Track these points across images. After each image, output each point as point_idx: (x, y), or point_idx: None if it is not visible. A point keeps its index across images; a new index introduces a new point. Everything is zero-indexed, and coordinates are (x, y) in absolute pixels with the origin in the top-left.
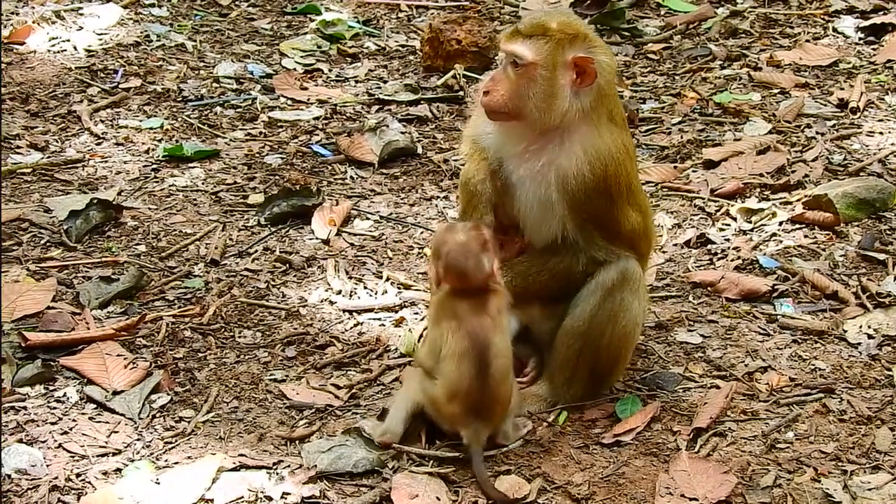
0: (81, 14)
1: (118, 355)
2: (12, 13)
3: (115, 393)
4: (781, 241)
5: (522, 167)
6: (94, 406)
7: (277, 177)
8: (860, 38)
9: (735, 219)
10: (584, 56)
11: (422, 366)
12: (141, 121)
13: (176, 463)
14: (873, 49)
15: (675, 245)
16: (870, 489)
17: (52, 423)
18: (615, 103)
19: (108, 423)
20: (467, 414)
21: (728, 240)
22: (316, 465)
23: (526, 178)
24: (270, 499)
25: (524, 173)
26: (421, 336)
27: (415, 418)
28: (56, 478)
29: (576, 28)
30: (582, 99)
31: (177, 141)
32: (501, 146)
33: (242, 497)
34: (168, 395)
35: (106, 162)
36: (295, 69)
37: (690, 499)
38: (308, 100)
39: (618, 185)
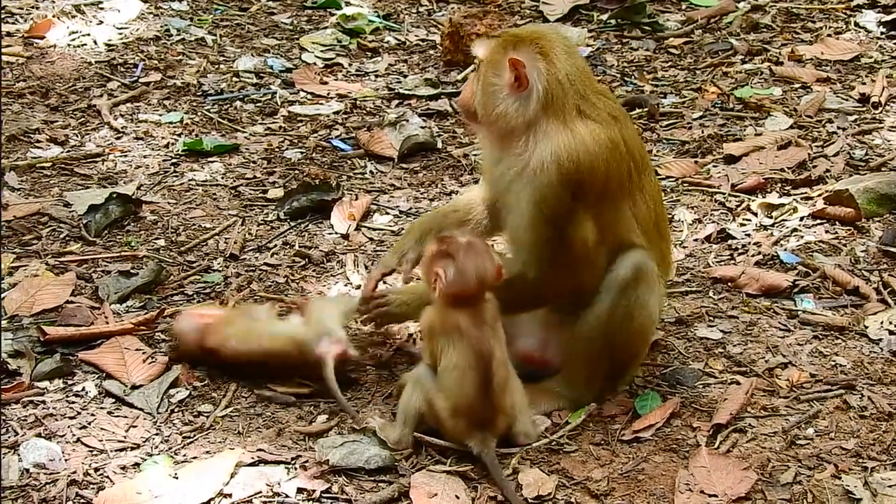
0: (101, 8)
1: (137, 350)
2: (32, 7)
3: (134, 387)
4: (802, 237)
5: (496, 174)
6: (113, 400)
7: (297, 171)
8: (882, 33)
9: (756, 214)
10: (516, 58)
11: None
12: (161, 115)
13: (194, 458)
14: (895, 44)
15: (696, 240)
16: (890, 486)
17: (71, 418)
18: (583, 101)
19: (126, 417)
20: (472, 427)
21: (749, 235)
22: (328, 460)
23: (499, 184)
24: (288, 494)
25: (498, 180)
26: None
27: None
28: (74, 472)
29: (530, 33)
30: (524, 103)
31: (196, 135)
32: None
33: (260, 492)
34: (187, 389)
35: (125, 156)
36: (315, 63)
37: (710, 495)
38: (328, 94)
39: (591, 184)
